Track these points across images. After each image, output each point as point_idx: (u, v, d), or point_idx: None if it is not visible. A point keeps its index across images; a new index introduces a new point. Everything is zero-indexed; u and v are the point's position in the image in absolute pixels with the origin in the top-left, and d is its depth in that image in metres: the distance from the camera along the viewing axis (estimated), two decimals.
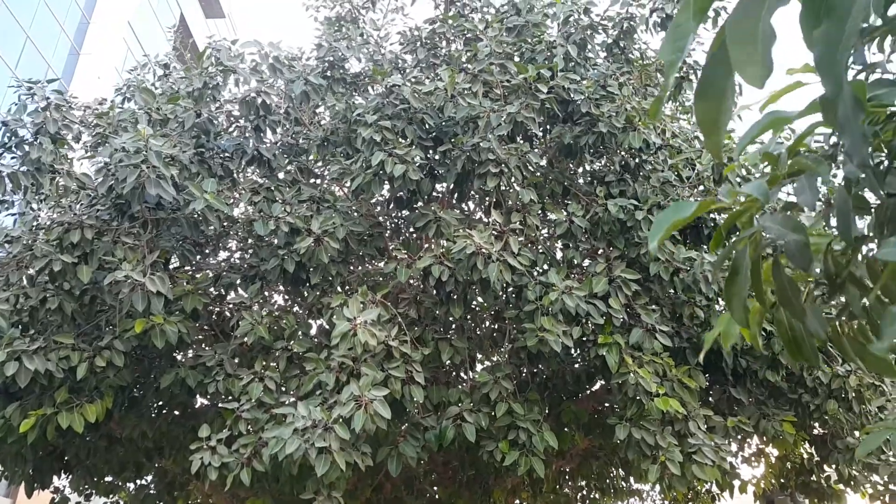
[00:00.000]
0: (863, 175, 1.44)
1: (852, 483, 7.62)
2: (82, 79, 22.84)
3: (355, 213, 6.55)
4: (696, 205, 1.53)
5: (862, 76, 1.61)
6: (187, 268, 7.24)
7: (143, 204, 5.95)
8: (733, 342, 1.98)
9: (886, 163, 1.57)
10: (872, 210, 1.70)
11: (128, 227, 6.08)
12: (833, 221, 1.68)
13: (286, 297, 7.57)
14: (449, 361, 6.26)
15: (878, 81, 1.57)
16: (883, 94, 1.54)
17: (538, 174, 6.76)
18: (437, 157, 6.40)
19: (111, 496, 8.81)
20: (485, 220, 6.83)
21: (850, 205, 1.50)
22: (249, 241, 7.30)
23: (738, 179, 6.38)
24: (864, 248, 1.83)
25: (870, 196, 1.66)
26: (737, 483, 7.49)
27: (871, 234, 1.92)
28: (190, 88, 6.40)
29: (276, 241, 6.15)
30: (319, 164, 7.42)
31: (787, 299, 1.67)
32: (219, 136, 6.64)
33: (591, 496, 9.75)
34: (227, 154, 6.52)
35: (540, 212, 6.55)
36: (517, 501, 8.97)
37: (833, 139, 1.94)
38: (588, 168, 7.51)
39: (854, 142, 1.17)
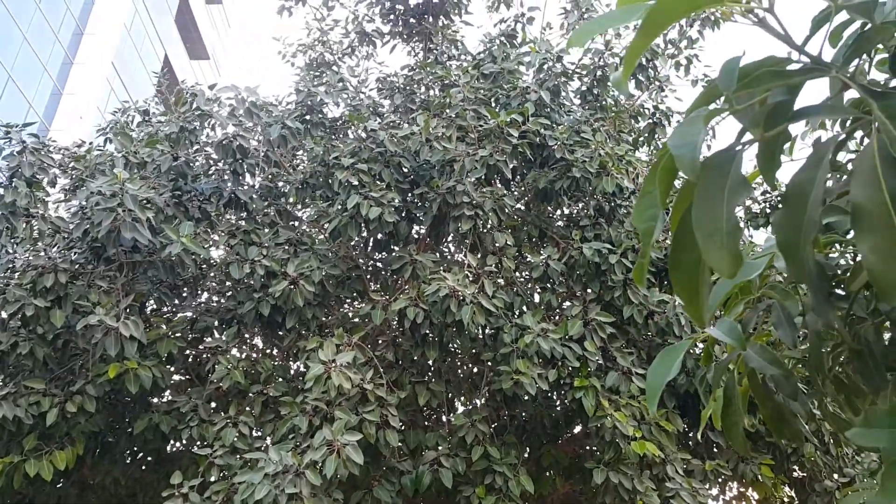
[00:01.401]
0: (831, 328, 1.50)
1: None
2: (65, 118, 22.90)
3: (333, 256, 6.57)
4: (684, 347, 1.54)
5: None
6: (164, 311, 7.19)
7: (119, 247, 5.94)
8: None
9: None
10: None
11: (103, 270, 6.05)
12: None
13: (263, 340, 7.52)
14: (426, 405, 6.22)
15: (830, 208, 1.61)
16: (835, 222, 1.59)
17: (515, 217, 6.84)
18: (413, 199, 6.47)
19: None
20: (462, 262, 6.88)
21: (821, 352, 1.54)
22: (227, 284, 7.28)
23: None
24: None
25: None
26: None
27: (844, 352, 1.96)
28: (168, 131, 6.46)
29: (252, 283, 6.15)
30: (298, 206, 7.46)
31: (780, 417, 1.71)
32: (196, 180, 6.68)
33: None
34: (204, 197, 6.55)
35: (517, 254, 6.61)
36: None
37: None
38: (565, 212, 7.61)
39: (819, 305, 1.23)
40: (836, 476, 7.02)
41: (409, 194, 6.41)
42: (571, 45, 1.24)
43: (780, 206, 1.02)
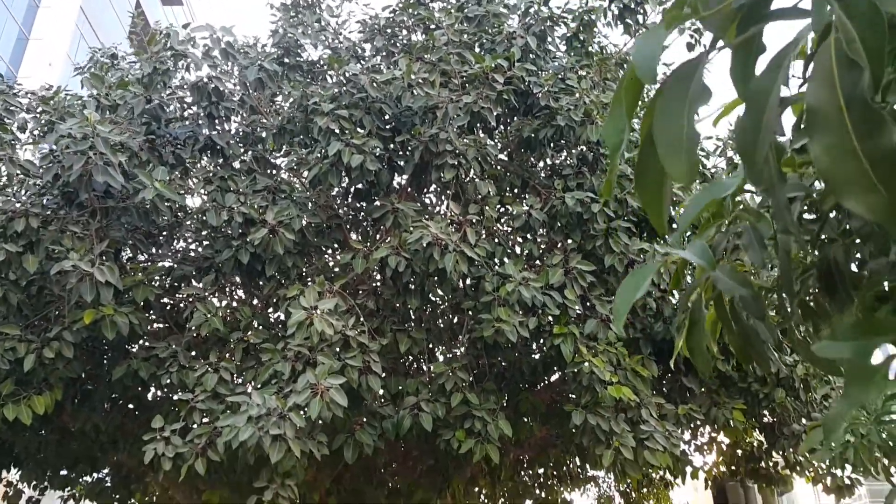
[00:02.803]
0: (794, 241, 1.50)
1: (798, 468, 7.87)
2: (32, 65, 22.08)
3: (313, 205, 6.49)
4: (652, 269, 1.55)
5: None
6: (140, 259, 7.09)
7: (91, 192, 5.80)
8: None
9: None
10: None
11: (76, 215, 5.92)
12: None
13: (243, 289, 7.48)
14: (407, 352, 6.26)
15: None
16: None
17: (498, 167, 6.79)
18: (395, 147, 6.38)
19: (67, 490, 8.62)
20: (444, 212, 6.84)
21: (790, 270, 1.55)
22: (204, 232, 7.18)
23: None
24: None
25: None
26: (689, 470, 7.67)
27: (813, 273, 1.96)
28: (140, 74, 6.25)
29: (230, 231, 6.06)
30: (276, 154, 7.33)
31: (745, 342, 1.72)
32: (170, 124, 6.51)
33: (549, 483, 9.89)
34: (178, 142, 6.39)
35: (499, 204, 6.58)
36: (476, 490, 9.05)
37: None
38: (548, 162, 7.57)
39: (778, 209, 1.22)
40: (804, 421, 7.24)
41: (391, 142, 6.32)
42: None
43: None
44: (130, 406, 7.13)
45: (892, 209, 0.83)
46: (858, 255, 1.54)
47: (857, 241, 1.50)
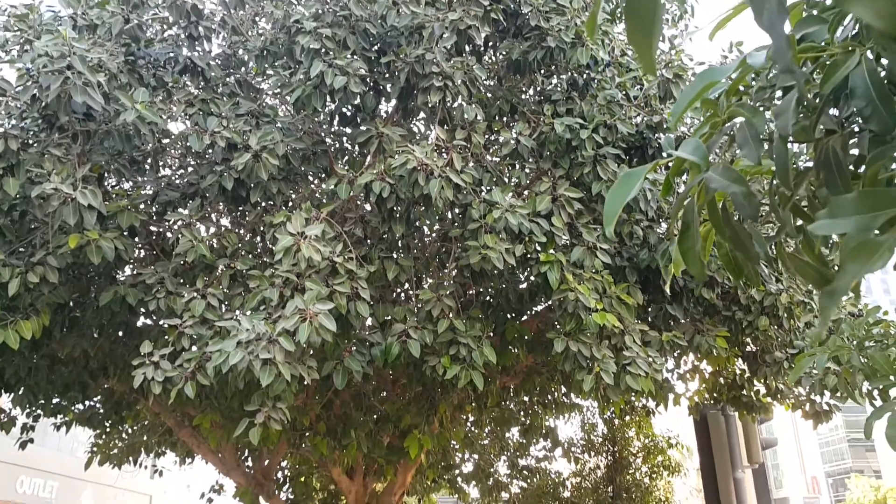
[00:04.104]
0: (793, 123, 1.45)
1: (779, 396, 8.05)
2: None
3: (297, 130, 6.38)
4: (643, 171, 1.52)
5: None
6: (124, 186, 7.01)
7: (71, 114, 5.67)
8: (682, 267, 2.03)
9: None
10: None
11: (56, 139, 5.80)
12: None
13: (229, 216, 7.43)
14: (395, 280, 6.28)
15: (808, 18, 1.54)
16: (814, 33, 1.52)
17: (486, 92, 6.65)
18: (381, 70, 6.22)
19: (59, 416, 8.77)
20: (430, 138, 6.74)
21: (787, 157, 1.51)
22: (188, 158, 7.08)
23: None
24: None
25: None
26: (671, 397, 7.84)
27: (810, 167, 1.93)
28: None
29: (213, 157, 5.97)
30: (259, 78, 7.16)
31: (737, 244, 1.69)
32: (150, 45, 6.31)
33: (534, 410, 10.13)
34: (159, 64, 6.21)
35: (486, 130, 6.48)
36: (462, 417, 9.26)
37: (770, 74, 1.94)
38: (538, 88, 7.42)
39: (778, 46, 1.16)
40: (786, 350, 7.37)
41: (377, 64, 6.16)
42: None
43: None
44: (119, 333, 7.17)
45: None
46: (856, 152, 1.51)
47: (857, 130, 1.47)
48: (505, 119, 6.99)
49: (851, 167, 1.60)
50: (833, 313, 1.07)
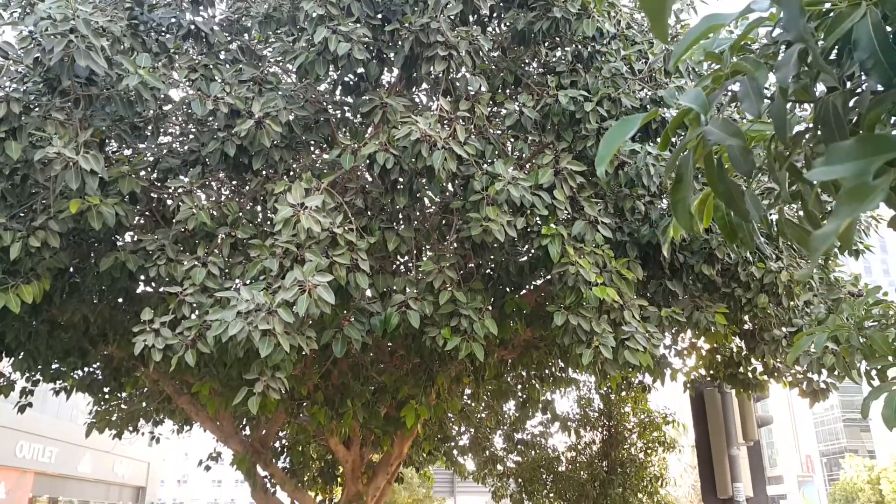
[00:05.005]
0: (792, 79, 1.44)
1: (776, 374, 8.11)
2: None
3: (300, 98, 6.33)
4: (640, 118, 1.53)
5: None
6: (125, 152, 6.98)
7: (74, 78, 5.62)
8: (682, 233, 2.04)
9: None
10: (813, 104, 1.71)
11: (59, 103, 5.76)
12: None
13: (230, 184, 7.40)
14: (395, 251, 6.28)
15: None
16: None
17: (490, 63, 6.59)
18: (385, 38, 6.16)
19: (58, 382, 8.83)
20: (434, 109, 6.69)
21: (785, 110, 1.51)
22: (190, 125, 7.04)
23: (689, 71, 6.35)
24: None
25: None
26: (668, 373, 7.89)
27: (809, 127, 1.93)
28: None
29: (215, 123, 5.93)
30: (262, 45, 7.09)
31: (730, 199, 1.70)
32: (153, 10, 6.24)
33: (531, 384, 10.20)
34: (162, 28, 6.15)
35: (490, 102, 6.44)
36: (460, 389, 9.33)
37: (776, 31, 1.92)
38: (542, 59, 7.36)
39: (791, 15, 1.15)
40: (784, 329, 7.40)
41: (381, 32, 6.10)
42: None
43: None
44: (119, 299, 7.20)
45: None
46: (857, 110, 1.51)
47: (858, 88, 1.47)
48: (508, 91, 6.94)
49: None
50: (821, 254, 1.07)
